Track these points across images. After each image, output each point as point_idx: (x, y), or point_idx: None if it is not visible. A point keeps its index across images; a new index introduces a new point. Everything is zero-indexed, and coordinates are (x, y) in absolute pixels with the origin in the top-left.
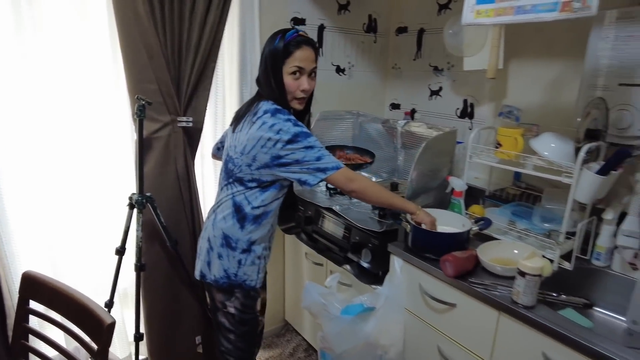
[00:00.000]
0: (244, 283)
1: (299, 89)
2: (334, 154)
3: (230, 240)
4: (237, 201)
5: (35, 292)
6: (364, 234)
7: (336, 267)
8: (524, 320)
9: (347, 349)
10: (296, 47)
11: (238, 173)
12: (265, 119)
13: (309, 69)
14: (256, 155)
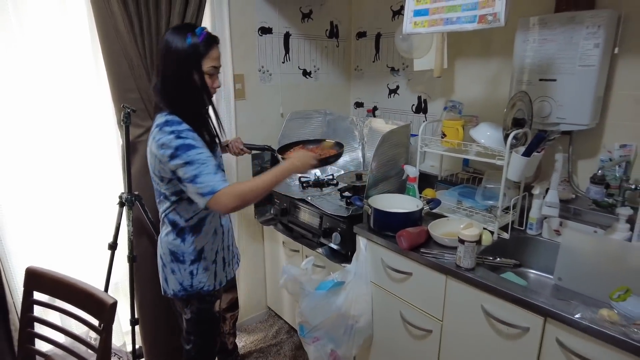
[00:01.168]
0: (201, 290)
1: (213, 87)
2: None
3: (177, 254)
4: (170, 218)
5: (39, 284)
6: (333, 219)
7: (310, 251)
8: (465, 280)
9: (322, 320)
10: (210, 45)
11: (160, 189)
12: (155, 134)
13: (218, 67)
14: (160, 172)
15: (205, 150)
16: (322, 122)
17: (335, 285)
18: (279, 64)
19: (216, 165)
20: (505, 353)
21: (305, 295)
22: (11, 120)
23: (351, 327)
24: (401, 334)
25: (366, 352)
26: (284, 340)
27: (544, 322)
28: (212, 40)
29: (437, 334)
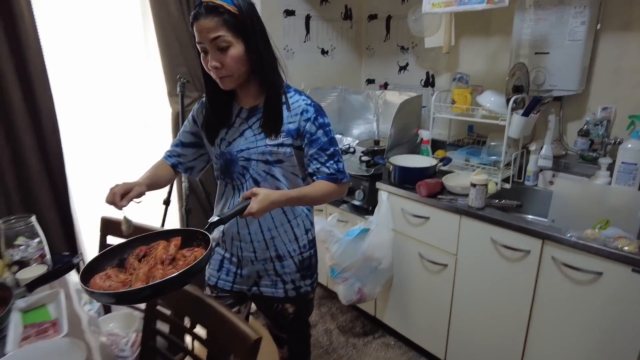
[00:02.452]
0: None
1: (208, 67)
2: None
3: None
4: None
5: (113, 229)
6: (356, 179)
7: (334, 209)
8: (477, 217)
9: (351, 263)
10: (194, 20)
11: None
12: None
13: (208, 42)
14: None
15: (185, 125)
16: (338, 97)
17: (361, 232)
18: (301, 44)
19: (177, 140)
20: (510, 274)
21: (335, 241)
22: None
23: (375, 268)
24: (419, 271)
25: (388, 290)
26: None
27: (542, 244)
28: (198, 14)
29: (452, 267)
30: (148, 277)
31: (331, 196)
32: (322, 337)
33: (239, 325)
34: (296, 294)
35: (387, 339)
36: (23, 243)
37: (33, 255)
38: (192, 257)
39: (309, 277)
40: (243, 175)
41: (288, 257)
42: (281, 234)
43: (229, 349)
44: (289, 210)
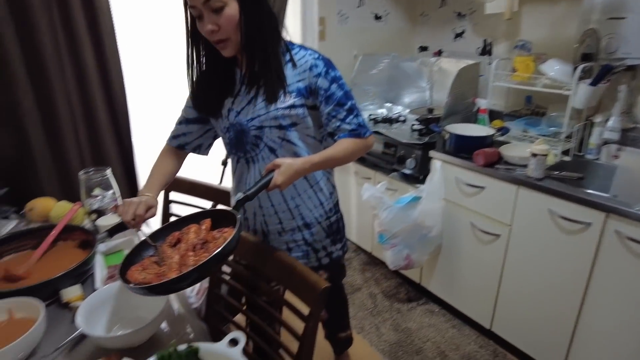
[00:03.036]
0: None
1: (204, 32)
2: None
3: None
4: None
5: (177, 187)
6: (409, 147)
7: (383, 177)
8: (535, 188)
9: (400, 229)
10: None
11: None
12: None
13: (202, 4)
14: None
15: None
16: (390, 64)
17: (412, 199)
18: (354, 9)
19: (181, 117)
20: (567, 246)
21: (385, 208)
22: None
23: (424, 236)
24: (469, 240)
25: (435, 258)
26: (353, 257)
27: (605, 217)
28: None
29: (505, 237)
30: (181, 265)
31: (356, 153)
32: (367, 300)
33: (309, 273)
34: (329, 261)
35: (431, 306)
36: (99, 194)
37: (108, 205)
38: (221, 239)
39: (339, 241)
40: (257, 145)
41: (315, 224)
42: (305, 201)
43: (300, 296)
44: (310, 176)
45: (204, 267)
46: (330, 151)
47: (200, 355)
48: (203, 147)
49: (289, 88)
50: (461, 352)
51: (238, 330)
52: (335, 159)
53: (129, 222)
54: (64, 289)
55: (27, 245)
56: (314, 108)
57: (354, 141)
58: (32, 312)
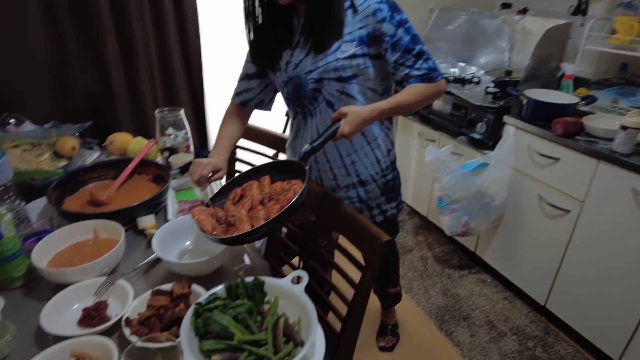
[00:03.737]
0: None
1: None
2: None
3: None
4: None
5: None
6: (481, 110)
7: (449, 140)
8: (620, 164)
9: (462, 195)
10: None
11: None
12: None
13: None
14: None
15: (247, 55)
16: (468, 21)
17: (479, 166)
18: None
19: (242, 74)
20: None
21: (449, 172)
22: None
23: (487, 204)
24: (535, 213)
25: (495, 228)
26: (407, 220)
27: None
28: None
29: (575, 213)
30: (251, 218)
31: (427, 99)
32: (418, 262)
33: (370, 225)
34: (383, 219)
35: (484, 275)
36: (172, 133)
37: (181, 144)
38: (291, 192)
39: (393, 200)
40: (315, 99)
41: (371, 182)
42: (362, 158)
43: (359, 247)
44: (368, 132)
45: (276, 221)
46: (399, 97)
47: (265, 289)
48: (265, 102)
49: (350, 36)
50: (510, 324)
51: (298, 270)
52: (405, 105)
53: (195, 181)
54: (140, 217)
55: (107, 175)
56: (377, 57)
57: (424, 86)
58: (114, 234)
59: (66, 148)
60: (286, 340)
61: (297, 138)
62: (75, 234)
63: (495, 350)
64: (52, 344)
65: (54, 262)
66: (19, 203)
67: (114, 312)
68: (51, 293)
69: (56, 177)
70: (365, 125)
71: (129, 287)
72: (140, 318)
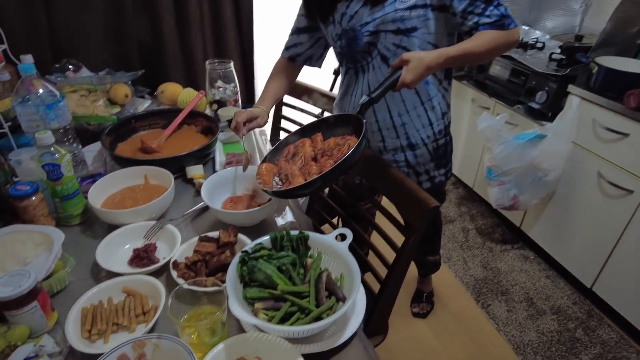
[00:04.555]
0: None
1: None
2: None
3: None
4: None
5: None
6: (543, 78)
7: (505, 109)
8: None
9: (514, 167)
10: None
11: None
12: None
13: None
14: None
15: (300, 8)
16: None
17: (536, 137)
18: None
19: (294, 27)
20: None
21: (501, 142)
22: None
23: (539, 178)
24: (592, 192)
25: (544, 204)
26: (451, 190)
27: None
28: None
29: (639, 195)
30: (304, 173)
31: (499, 48)
32: (459, 233)
33: (418, 190)
34: (430, 185)
35: (527, 252)
36: (221, 85)
37: (229, 97)
38: (345, 146)
39: (443, 167)
40: (369, 54)
41: (421, 145)
42: (413, 119)
43: (404, 211)
44: (423, 91)
45: (329, 175)
46: (468, 44)
47: (309, 243)
48: (314, 58)
49: None
50: (551, 303)
51: (343, 228)
52: (474, 54)
53: (232, 129)
54: (189, 167)
55: (158, 124)
56: (440, 9)
57: (496, 33)
58: (164, 180)
59: (119, 95)
60: (328, 294)
61: (347, 96)
62: (128, 179)
63: (532, 327)
64: (106, 279)
65: (108, 203)
66: (77, 146)
67: (162, 255)
68: (105, 232)
69: (110, 123)
70: (429, 73)
71: (177, 232)
72: (187, 262)
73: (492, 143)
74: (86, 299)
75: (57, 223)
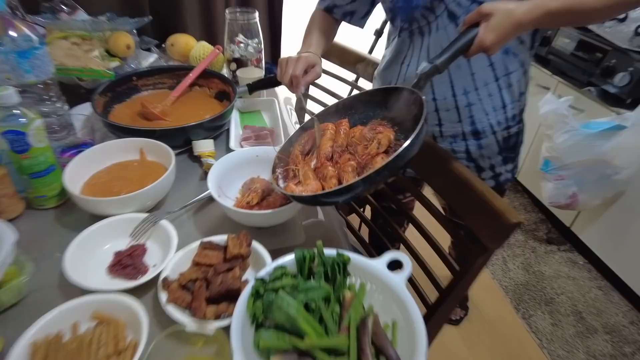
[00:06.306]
0: None
1: None
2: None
3: None
4: None
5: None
6: (626, 56)
7: (570, 90)
8: None
9: (577, 160)
10: None
11: None
12: None
13: None
14: None
15: None
16: None
17: (612, 127)
18: None
19: None
20: None
21: (566, 130)
22: None
23: (607, 176)
24: None
25: (607, 205)
26: None
27: None
28: None
29: None
30: (318, 175)
31: (619, 5)
32: None
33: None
34: (494, 184)
35: (575, 256)
36: (243, 41)
37: (251, 56)
38: (373, 145)
39: (511, 161)
40: (432, 11)
41: (489, 133)
42: (483, 100)
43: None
44: (499, 62)
45: (373, 179)
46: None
47: (350, 268)
48: (357, 15)
49: None
50: (603, 320)
51: (398, 251)
52: (586, 9)
53: (287, 83)
54: (196, 141)
55: (164, 84)
56: None
57: None
58: (164, 158)
59: (120, 46)
60: (375, 352)
61: (395, 64)
62: (119, 152)
63: (581, 347)
64: (77, 293)
65: (91, 184)
66: (62, 106)
67: (152, 260)
68: (89, 219)
69: (106, 79)
70: (518, 33)
71: (173, 233)
72: (182, 281)
73: (554, 130)
74: (39, 328)
75: (27, 205)
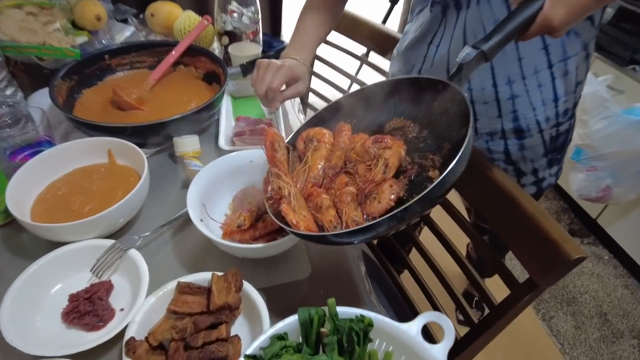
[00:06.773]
0: None
1: None
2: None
3: None
4: None
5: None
6: None
7: (606, 67)
8: None
9: (615, 150)
10: None
11: None
12: None
13: None
14: None
15: None
16: None
17: None
18: None
19: None
20: None
21: (605, 116)
22: None
23: None
24: None
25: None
26: None
27: None
28: None
29: None
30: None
31: None
32: None
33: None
34: (536, 190)
35: (600, 250)
36: (237, 10)
37: (246, 28)
38: (379, 165)
39: (556, 163)
40: None
41: (534, 132)
42: (530, 91)
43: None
44: (556, 45)
45: (401, 217)
46: None
47: (373, 334)
48: None
49: None
50: (630, 323)
51: (435, 312)
52: None
53: (261, 95)
54: (178, 138)
55: (144, 62)
56: None
57: None
58: (136, 162)
59: (88, 17)
60: None
61: (422, 43)
62: (83, 154)
63: (606, 353)
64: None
65: (45, 198)
66: (14, 93)
67: (119, 300)
68: (44, 242)
69: (71, 59)
70: (597, 8)
71: (144, 268)
72: (152, 341)
73: (591, 116)
74: None
75: None
